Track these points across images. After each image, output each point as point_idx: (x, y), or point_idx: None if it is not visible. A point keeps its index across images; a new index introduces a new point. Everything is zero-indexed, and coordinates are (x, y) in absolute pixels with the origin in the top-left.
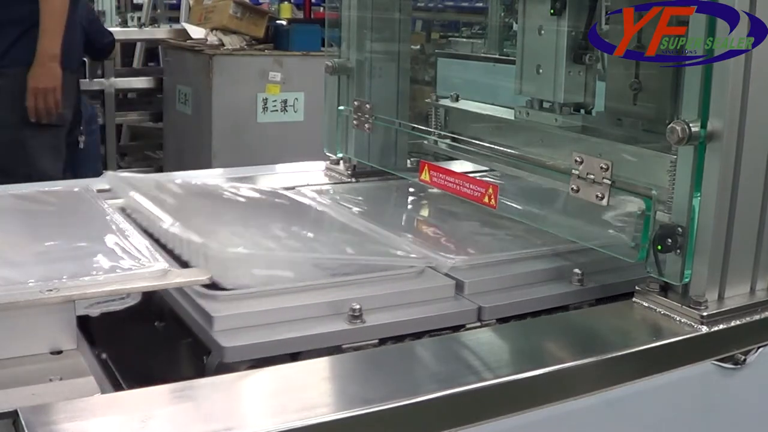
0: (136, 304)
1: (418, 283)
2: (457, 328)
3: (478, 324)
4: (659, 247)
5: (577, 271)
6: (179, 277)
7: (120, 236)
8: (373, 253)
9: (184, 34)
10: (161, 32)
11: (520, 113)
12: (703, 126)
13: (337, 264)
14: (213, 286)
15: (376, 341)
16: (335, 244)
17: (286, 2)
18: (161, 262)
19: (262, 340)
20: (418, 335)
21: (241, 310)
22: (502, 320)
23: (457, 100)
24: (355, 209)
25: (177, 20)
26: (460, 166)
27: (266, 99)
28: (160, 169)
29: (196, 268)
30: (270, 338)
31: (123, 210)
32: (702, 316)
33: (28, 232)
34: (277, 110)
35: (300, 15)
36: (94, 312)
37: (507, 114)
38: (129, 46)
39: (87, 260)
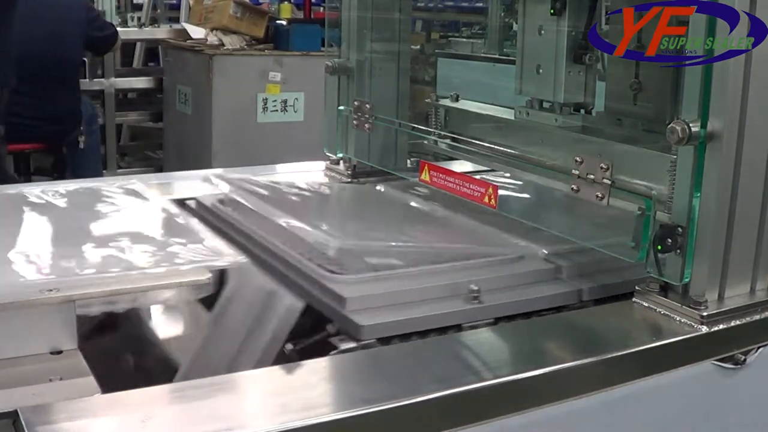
0: None
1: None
2: (330, 348)
3: (354, 344)
4: (659, 247)
5: (473, 287)
6: (178, 277)
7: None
8: None
9: (184, 34)
10: (161, 32)
11: (520, 113)
12: (703, 126)
13: None
14: None
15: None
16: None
17: (286, 2)
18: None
19: None
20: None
21: None
22: (384, 340)
23: (457, 100)
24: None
25: (177, 20)
26: (460, 166)
27: (266, 99)
28: (160, 169)
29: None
30: None
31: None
32: (702, 316)
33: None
34: (277, 110)
35: (300, 15)
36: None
37: (507, 114)
38: (129, 46)
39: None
